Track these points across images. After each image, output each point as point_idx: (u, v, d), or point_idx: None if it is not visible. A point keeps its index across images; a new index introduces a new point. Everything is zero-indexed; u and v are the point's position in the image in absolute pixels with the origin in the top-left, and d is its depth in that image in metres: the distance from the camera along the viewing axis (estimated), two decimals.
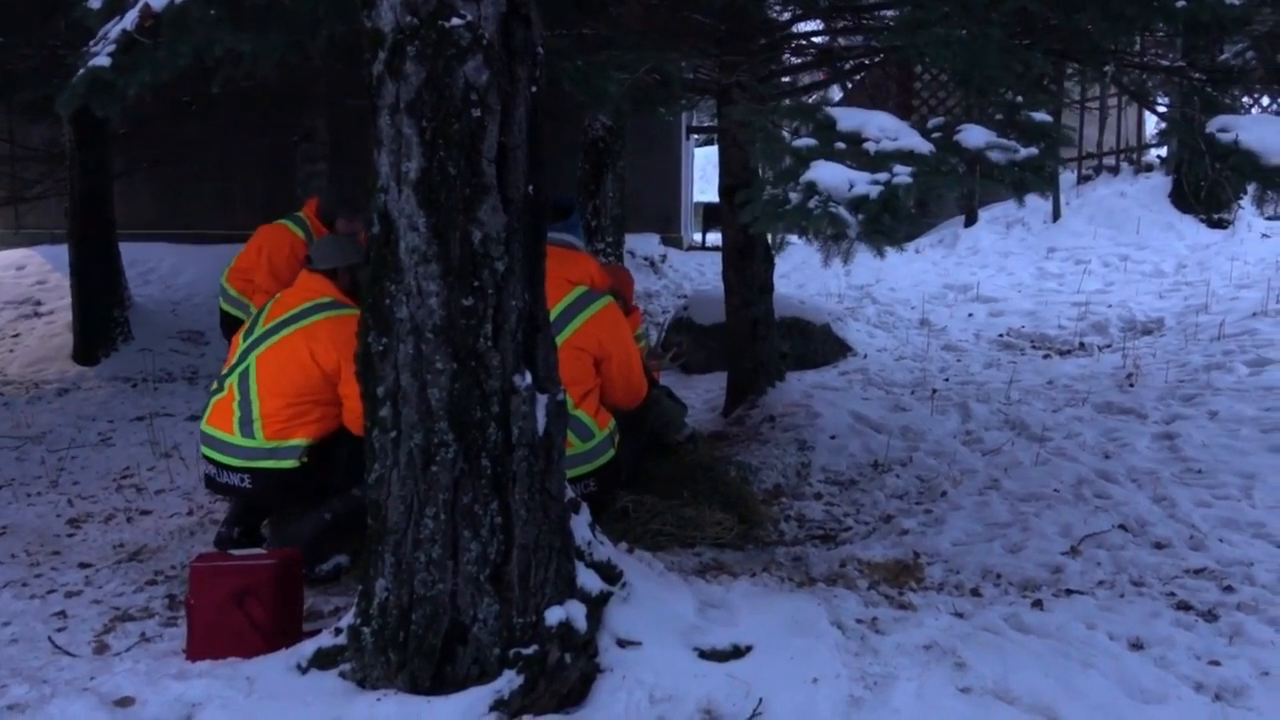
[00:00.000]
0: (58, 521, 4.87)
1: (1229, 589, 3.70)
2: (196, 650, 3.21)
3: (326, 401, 3.99)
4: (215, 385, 4.15)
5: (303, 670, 2.92)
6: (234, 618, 3.22)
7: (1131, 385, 6.55)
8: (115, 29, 3.20)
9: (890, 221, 2.71)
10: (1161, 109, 5.23)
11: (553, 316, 3.60)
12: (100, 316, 8.67)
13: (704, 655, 2.97)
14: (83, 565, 4.24)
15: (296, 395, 3.96)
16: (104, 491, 5.37)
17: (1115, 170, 12.33)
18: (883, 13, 5.51)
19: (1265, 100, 9.59)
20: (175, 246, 11.36)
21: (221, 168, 11.52)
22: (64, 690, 3.02)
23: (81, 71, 3.16)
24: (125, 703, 2.88)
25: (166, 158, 10.54)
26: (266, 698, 2.80)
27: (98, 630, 3.57)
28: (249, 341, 4.11)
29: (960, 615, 3.41)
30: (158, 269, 10.99)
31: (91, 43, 3.30)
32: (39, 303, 10.04)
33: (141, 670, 3.09)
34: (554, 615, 2.85)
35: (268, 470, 3.97)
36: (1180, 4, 3.49)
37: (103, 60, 3.14)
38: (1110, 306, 8.91)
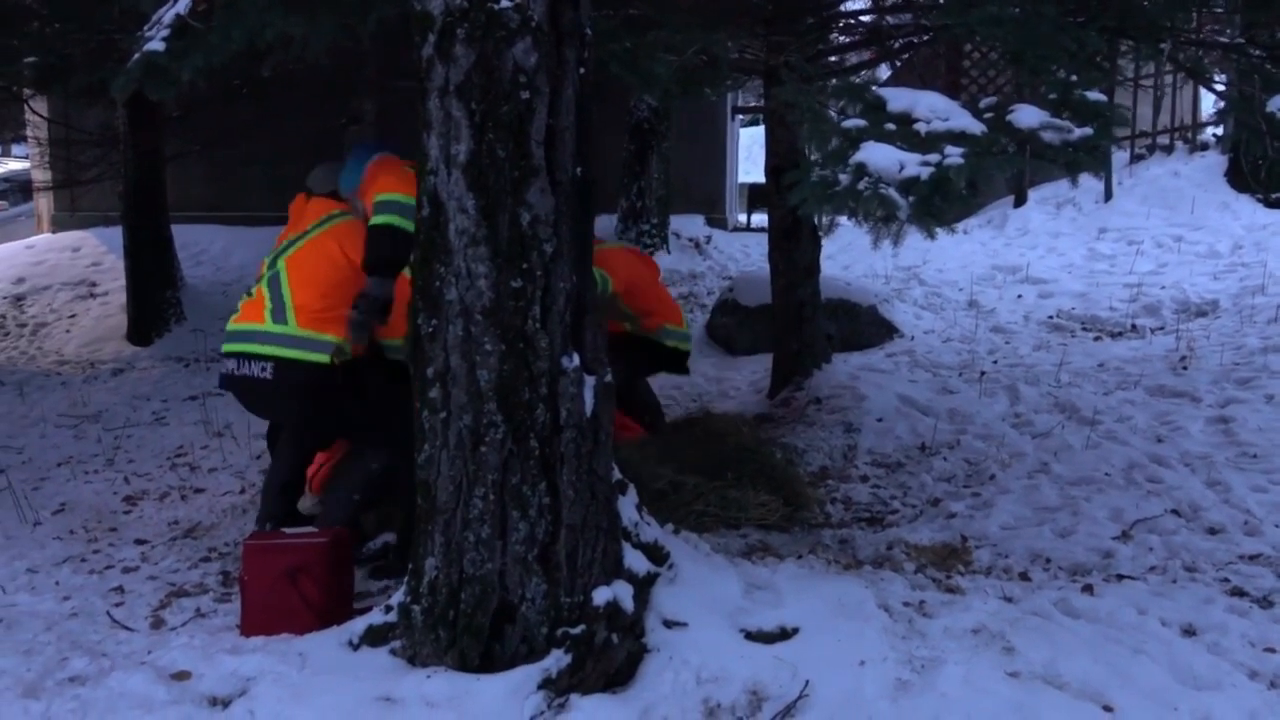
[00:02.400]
0: (114, 499, 4.98)
1: None
2: (250, 626, 3.27)
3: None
4: (245, 295, 4.07)
5: (354, 647, 2.97)
6: (287, 594, 3.27)
7: (1185, 368, 6.44)
8: (169, 14, 3.24)
9: (941, 203, 2.68)
10: (1219, 87, 5.12)
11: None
12: (153, 298, 8.81)
13: (750, 637, 2.98)
14: (139, 542, 4.33)
15: (329, 287, 3.88)
16: (159, 470, 5.47)
17: (1169, 149, 12.08)
18: None
19: None
20: (226, 228, 11.50)
21: (272, 150, 11.58)
22: (122, 663, 3.09)
23: (136, 56, 3.19)
24: (182, 676, 2.95)
25: (218, 141, 10.64)
26: (319, 673, 2.84)
27: (154, 605, 3.65)
28: (274, 255, 4.07)
29: (1009, 599, 3.39)
30: (209, 250, 11.15)
31: (146, 27, 3.33)
32: (94, 284, 10.22)
33: (197, 645, 3.16)
34: (601, 595, 2.87)
35: (294, 362, 3.82)
36: None
37: (157, 45, 3.17)
38: (1163, 288, 8.75)
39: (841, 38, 6.39)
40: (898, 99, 3.09)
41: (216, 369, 7.81)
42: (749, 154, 16.86)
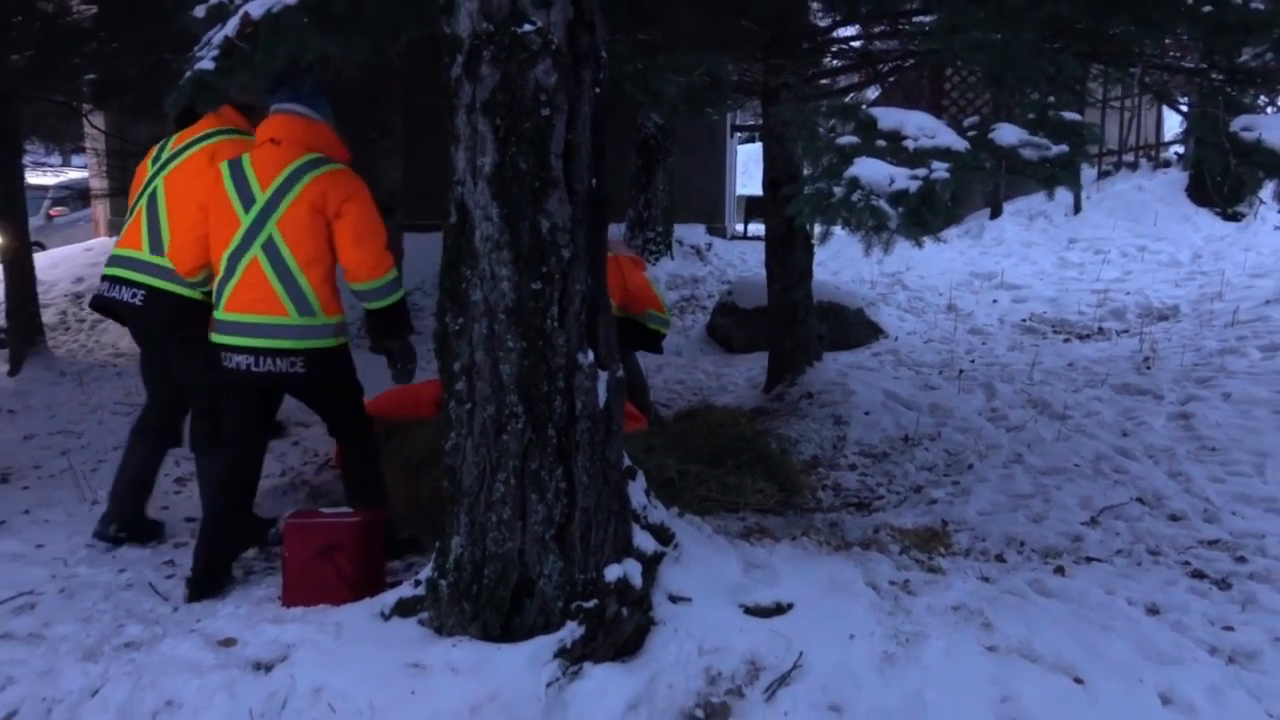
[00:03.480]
0: (165, 480, 4.94)
1: (1242, 559, 3.63)
2: (290, 598, 3.27)
3: None
4: (129, 213, 3.84)
5: (385, 617, 2.96)
6: (323, 569, 3.27)
7: (1148, 368, 6.42)
8: (218, 35, 3.23)
9: (928, 214, 2.68)
10: (1184, 108, 5.09)
11: (281, 179, 3.41)
12: None
13: (749, 611, 2.97)
14: (188, 520, 4.32)
15: (202, 213, 3.58)
16: None
17: (1134, 166, 12.06)
18: (917, 19, 5.41)
19: None
20: None
21: None
22: (173, 630, 3.09)
23: (188, 74, 3.18)
24: (228, 643, 2.95)
25: None
26: (353, 641, 2.84)
27: None
28: (156, 167, 3.81)
29: (986, 579, 3.38)
30: None
31: (196, 48, 3.32)
32: None
33: (242, 614, 3.16)
34: (612, 572, 2.86)
35: (164, 292, 3.65)
36: (1206, 9, 3.38)
37: (206, 64, 3.16)
38: (1128, 294, 8.73)
39: (834, 62, 6.37)
40: (888, 118, 3.08)
41: None
42: (745, 169, 16.86)
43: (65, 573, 3.69)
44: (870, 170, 2.78)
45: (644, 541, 3.04)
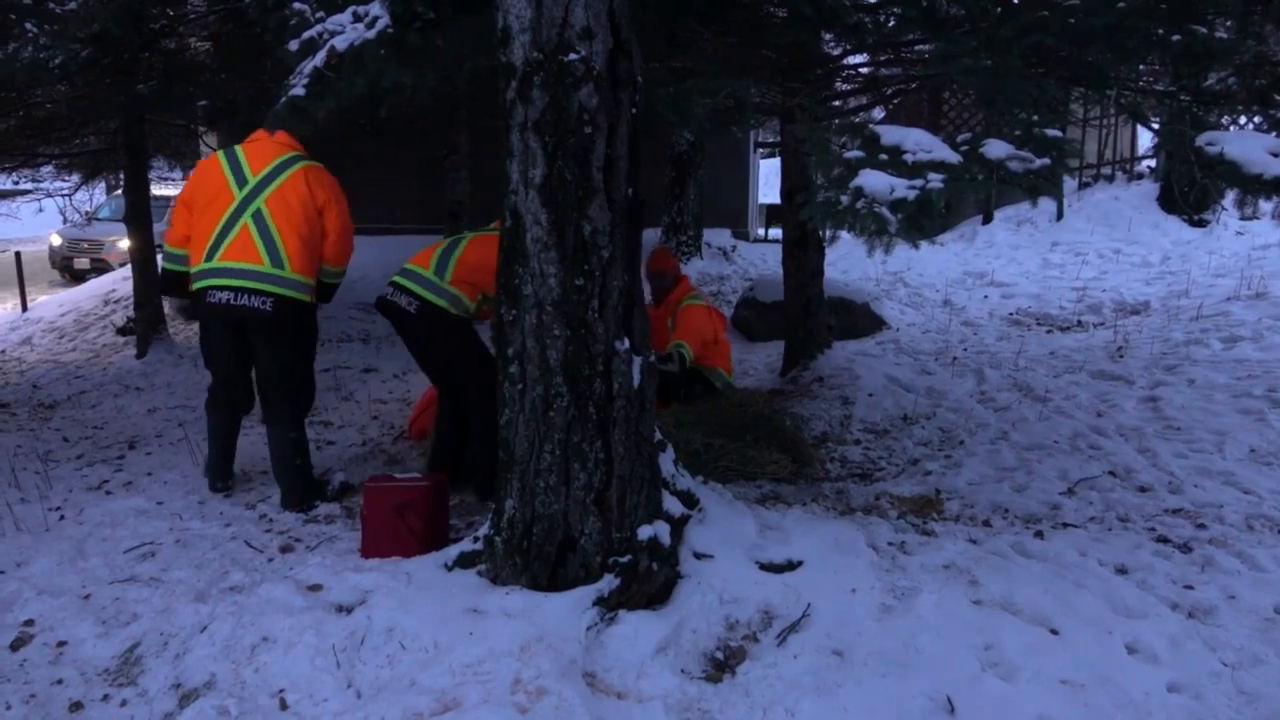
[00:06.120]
0: (265, 448, 5.00)
1: (1202, 526, 3.55)
2: (368, 550, 3.30)
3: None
4: (217, 231, 3.80)
5: (449, 568, 2.98)
6: (396, 526, 3.30)
7: (1121, 356, 6.29)
8: (309, 65, 3.24)
9: (924, 220, 2.62)
10: (1155, 125, 4.95)
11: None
12: None
13: (764, 567, 2.95)
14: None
15: (310, 237, 3.82)
16: None
17: (1111, 178, 11.78)
18: (917, 48, 5.30)
19: (1243, 120, 9.04)
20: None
21: (386, 175, 11.68)
22: (270, 577, 3.13)
23: (283, 99, 3.20)
24: (315, 588, 2.98)
25: (343, 167, 10.72)
26: (422, 588, 2.86)
27: (294, 533, 3.68)
28: (246, 190, 3.82)
29: (974, 542, 3.33)
30: None
31: (291, 77, 3.34)
32: None
33: (327, 564, 3.19)
34: (645, 532, 2.85)
35: (290, 300, 3.81)
36: (1175, 38, 3.27)
37: (299, 90, 3.17)
38: (1104, 291, 8.55)
39: (844, 85, 6.27)
40: (890, 134, 3.02)
41: (345, 348, 7.96)
42: (766, 180, 16.70)
43: (180, 526, 3.75)
44: (873, 181, 2.72)
45: (672, 505, 3.03)
